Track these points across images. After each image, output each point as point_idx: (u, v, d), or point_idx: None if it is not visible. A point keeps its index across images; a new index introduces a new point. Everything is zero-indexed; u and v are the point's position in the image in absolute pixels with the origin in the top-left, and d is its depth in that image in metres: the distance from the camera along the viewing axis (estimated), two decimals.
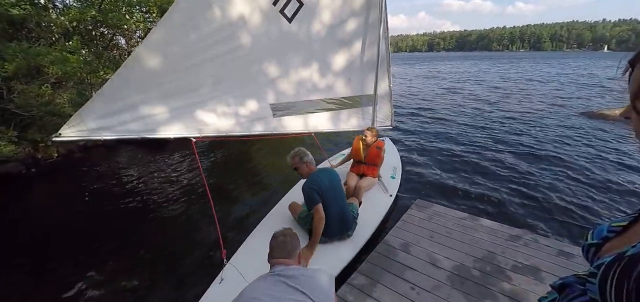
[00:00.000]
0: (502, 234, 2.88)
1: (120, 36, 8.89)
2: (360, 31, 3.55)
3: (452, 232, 2.92)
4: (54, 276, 3.03)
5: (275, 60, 3.17)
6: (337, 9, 3.30)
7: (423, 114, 9.79)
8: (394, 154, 4.68)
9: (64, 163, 6.28)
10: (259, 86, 3.13)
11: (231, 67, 2.88)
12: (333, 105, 3.73)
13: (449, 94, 14.20)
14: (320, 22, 3.30)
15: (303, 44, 3.26)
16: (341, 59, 3.59)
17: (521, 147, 6.14)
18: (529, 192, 4.23)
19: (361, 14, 3.47)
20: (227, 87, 2.92)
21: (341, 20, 3.40)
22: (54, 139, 2.38)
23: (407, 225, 3.06)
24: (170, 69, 2.57)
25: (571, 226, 3.47)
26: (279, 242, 1.43)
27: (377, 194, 3.49)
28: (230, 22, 2.74)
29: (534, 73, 23.67)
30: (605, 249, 0.56)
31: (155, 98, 2.57)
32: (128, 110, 2.49)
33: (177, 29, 2.52)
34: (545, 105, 10.52)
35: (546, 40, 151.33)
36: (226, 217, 3.85)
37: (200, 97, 2.79)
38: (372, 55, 3.69)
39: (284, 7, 2.97)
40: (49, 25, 6.67)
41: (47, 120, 5.93)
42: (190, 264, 3.08)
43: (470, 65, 34.26)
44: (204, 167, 5.87)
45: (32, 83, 5.72)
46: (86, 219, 4.18)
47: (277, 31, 3.04)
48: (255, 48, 2.96)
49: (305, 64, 3.40)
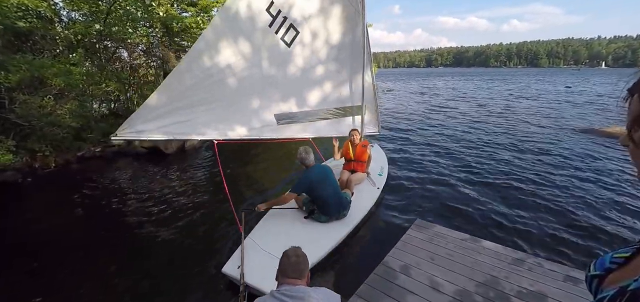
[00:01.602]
0: (505, 257, 2.81)
1: (123, 49, 9.02)
2: (348, 52, 4.37)
3: (454, 255, 2.84)
4: (47, 286, 2.97)
5: (278, 79, 3.89)
6: (327, 34, 4.11)
7: (421, 132, 9.78)
8: (381, 156, 5.47)
9: (60, 173, 6.23)
10: (266, 100, 3.85)
11: (244, 84, 3.61)
12: (328, 115, 4.53)
13: (447, 110, 14.21)
14: (314, 45, 4.08)
15: (300, 64, 4.02)
16: (333, 75, 4.38)
17: (523, 165, 6.06)
18: (532, 212, 4.14)
19: (347, 36, 4.27)
20: (241, 100, 3.65)
21: (331, 44, 4.20)
22: (111, 138, 3.17)
23: (407, 246, 2.99)
24: (197, 85, 3.30)
25: (577, 248, 3.36)
26: (291, 262, 1.42)
27: (367, 187, 4.24)
28: (243, 49, 3.52)
29: (533, 89, 23.85)
30: (608, 281, 0.55)
31: (185, 108, 3.29)
32: (164, 117, 3.20)
33: (202, 53, 3.31)
34: (546, 122, 10.52)
35: (543, 57, 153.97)
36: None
37: (220, 108, 3.50)
38: (359, 72, 4.51)
39: (284, 34, 3.75)
40: (54, 38, 6.77)
41: (47, 131, 5.94)
42: (187, 275, 3.01)
43: (469, 82, 34.43)
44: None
45: (34, 94, 5.76)
46: (81, 229, 4.11)
47: (279, 55, 3.79)
48: (262, 68, 3.71)
49: (303, 80, 4.13)
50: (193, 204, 4.71)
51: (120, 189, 5.48)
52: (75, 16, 7.54)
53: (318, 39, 4.05)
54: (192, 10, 9.61)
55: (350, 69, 4.49)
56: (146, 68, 9.88)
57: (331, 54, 4.23)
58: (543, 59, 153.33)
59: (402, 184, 5.24)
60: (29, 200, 5.27)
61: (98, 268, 3.25)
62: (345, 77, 4.48)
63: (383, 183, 4.49)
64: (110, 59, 8.65)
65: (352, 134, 4.36)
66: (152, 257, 3.50)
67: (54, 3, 6.96)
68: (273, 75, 3.81)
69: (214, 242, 3.62)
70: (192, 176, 6.13)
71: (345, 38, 4.27)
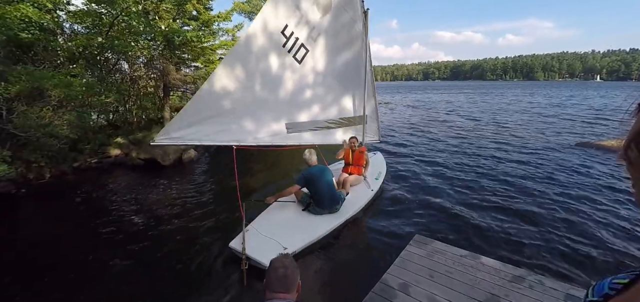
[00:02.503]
0: (505, 275, 2.76)
1: (124, 61, 9.11)
2: (352, 67, 4.94)
3: (453, 272, 2.79)
4: (40, 299, 2.92)
5: (289, 92, 4.43)
6: (333, 52, 4.68)
7: (417, 144, 9.76)
8: (381, 163, 5.89)
9: (55, 184, 6.16)
10: (278, 111, 4.36)
11: (259, 97, 4.14)
12: (333, 124, 5.04)
13: (443, 123, 14.27)
14: (322, 63, 4.64)
15: (310, 79, 4.57)
16: (338, 89, 4.92)
17: (522, 180, 6.00)
18: (532, 227, 4.10)
19: (352, 53, 4.88)
20: (257, 111, 4.17)
21: (338, 60, 4.76)
22: (151, 143, 3.73)
23: (405, 263, 2.94)
24: (218, 98, 3.84)
25: (578, 265, 3.32)
26: (279, 275, 1.24)
27: (362, 188, 4.75)
28: (260, 68, 4.06)
29: (530, 102, 23.92)
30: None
31: (207, 119, 3.79)
32: (192, 126, 3.72)
33: (225, 71, 3.84)
34: (544, 136, 10.49)
35: (538, 71, 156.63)
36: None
37: (239, 118, 4.02)
38: (361, 86, 5.08)
39: (296, 53, 4.31)
40: (56, 49, 6.84)
41: (43, 142, 5.90)
42: (180, 287, 2.92)
43: (463, 95, 34.28)
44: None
45: (33, 105, 5.75)
46: (74, 241, 4.03)
47: (291, 71, 4.34)
48: (275, 83, 4.25)
49: (311, 94, 4.67)
50: (191, 214, 4.66)
51: (116, 201, 5.41)
52: (78, 28, 7.64)
53: (326, 56, 4.63)
54: (194, 24, 9.80)
55: (354, 83, 5.06)
56: (146, 80, 9.96)
57: (337, 70, 4.80)
58: (539, 73, 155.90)
59: (398, 196, 5.23)
60: (23, 211, 5.19)
61: (92, 280, 3.19)
62: (349, 91, 5.07)
63: (378, 187, 4.97)
64: (110, 70, 8.72)
65: (351, 140, 4.92)
66: (150, 267, 3.43)
67: (58, 16, 7.06)
68: (284, 90, 4.37)
69: (212, 251, 3.56)
70: (191, 186, 6.08)
71: (350, 54, 4.87)
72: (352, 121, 5.19)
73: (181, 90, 10.78)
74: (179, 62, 9.76)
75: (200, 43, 9.36)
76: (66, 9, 7.17)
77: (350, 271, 3.30)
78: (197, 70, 10.43)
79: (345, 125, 5.12)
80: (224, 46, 10.85)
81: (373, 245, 3.80)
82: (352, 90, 5.08)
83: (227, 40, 11.01)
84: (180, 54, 9.58)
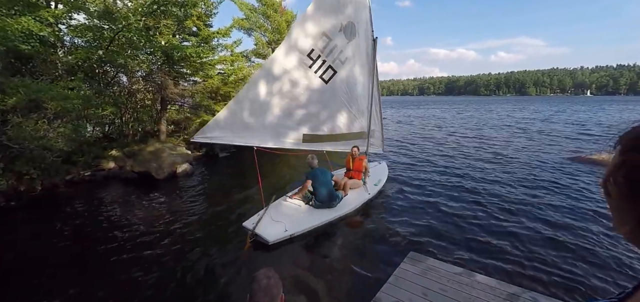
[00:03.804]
0: (500, 292, 2.75)
1: (123, 74, 9.18)
2: (364, 88, 5.91)
3: (447, 290, 2.78)
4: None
5: (313, 107, 5.28)
6: (353, 74, 5.67)
7: (413, 158, 9.78)
8: (384, 171, 6.63)
9: (47, 198, 6.06)
10: (299, 122, 5.22)
11: (285, 108, 5.00)
12: (342, 137, 5.83)
13: (441, 139, 14.25)
14: (344, 84, 5.56)
15: (331, 97, 5.47)
16: (352, 104, 5.83)
17: (516, 198, 6.00)
18: (523, 244, 4.10)
19: (364, 75, 5.85)
20: (280, 120, 4.99)
21: (355, 80, 5.72)
22: (191, 140, 4.74)
23: (399, 281, 2.92)
24: (248, 107, 4.67)
25: (572, 282, 3.31)
26: (263, 286, 1.29)
27: (360, 191, 5.43)
28: (289, 82, 4.97)
29: (525, 117, 23.99)
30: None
31: (232, 126, 4.60)
32: (225, 129, 4.57)
33: (255, 83, 4.75)
34: (539, 151, 10.53)
35: (530, 86, 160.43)
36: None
37: (262, 126, 4.83)
38: (369, 103, 6.02)
39: (323, 73, 5.22)
40: (55, 62, 6.88)
41: (36, 154, 5.84)
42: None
43: (460, 110, 34.34)
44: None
45: (29, 117, 5.73)
46: (62, 253, 3.94)
47: (318, 90, 5.25)
48: (300, 98, 5.12)
49: (332, 110, 5.57)
50: (185, 229, 4.59)
51: (108, 215, 5.32)
52: (78, 42, 7.72)
53: (347, 77, 5.59)
54: (193, 40, 9.98)
55: (364, 99, 5.96)
56: (144, 93, 10.01)
57: (354, 88, 5.73)
58: (531, 88, 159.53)
59: (394, 209, 5.26)
60: (12, 224, 5.07)
61: (81, 294, 3.10)
62: (360, 107, 5.97)
63: (375, 192, 5.61)
64: (109, 83, 8.76)
65: (353, 149, 5.60)
66: (140, 283, 3.34)
67: (59, 29, 7.15)
68: (308, 104, 5.23)
69: (204, 264, 3.49)
70: (185, 200, 6.02)
71: (363, 76, 5.84)
72: (359, 135, 6.01)
73: (179, 104, 10.83)
74: (178, 77, 9.86)
75: (199, 58, 9.50)
76: (68, 23, 7.27)
77: (344, 289, 3.26)
78: (195, 85, 10.51)
79: (353, 138, 5.90)
80: (223, 61, 11.01)
81: (366, 259, 3.78)
82: (361, 106, 5.95)
83: (226, 55, 11.19)
84: (179, 69, 9.70)
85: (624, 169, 0.44)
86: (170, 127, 10.37)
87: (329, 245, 4.21)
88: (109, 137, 9.07)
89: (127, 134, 9.56)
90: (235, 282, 3.34)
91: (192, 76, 10.35)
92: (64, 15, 6.81)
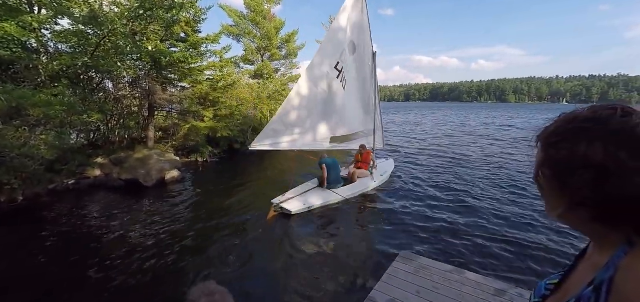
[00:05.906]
0: (488, 288, 2.89)
1: (109, 80, 8.96)
2: (369, 91, 7.20)
3: (439, 287, 2.90)
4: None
5: (336, 112, 6.35)
6: (361, 80, 6.98)
7: (404, 158, 10.06)
8: (390, 166, 8.00)
9: (29, 208, 5.80)
10: (325, 126, 6.29)
11: (320, 114, 6.12)
12: (355, 135, 7.00)
13: (434, 142, 14.74)
14: (355, 88, 6.80)
15: (347, 101, 6.55)
16: (361, 108, 7.15)
17: (503, 195, 6.33)
18: (512, 240, 4.30)
19: (367, 83, 7.14)
20: (313, 126, 6.07)
21: (363, 86, 7.05)
22: (249, 147, 5.60)
23: (392, 279, 3.02)
24: (287, 114, 5.71)
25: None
26: None
27: (366, 179, 6.63)
28: (319, 91, 5.98)
29: (511, 121, 25.10)
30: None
31: (273, 131, 5.61)
32: (273, 137, 5.61)
33: (294, 96, 5.76)
34: (526, 156, 11.07)
35: (510, 94, 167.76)
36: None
37: (294, 132, 5.80)
38: (371, 105, 7.26)
39: (343, 80, 6.30)
40: (38, 68, 6.65)
41: (18, 162, 5.60)
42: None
43: (448, 115, 35.49)
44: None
45: (9, 124, 5.50)
46: (45, 267, 3.78)
47: (341, 96, 6.33)
48: (327, 104, 6.18)
49: (349, 112, 6.70)
50: (174, 238, 4.51)
51: (94, 226, 5.15)
52: (62, 48, 7.50)
53: (358, 82, 6.84)
54: (182, 46, 9.89)
55: (368, 104, 7.24)
56: (131, 99, 9.79)
57: (360, 95, 6.98)
58: (510, 95, 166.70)
59: (391, 210, 5.36)
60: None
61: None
62: (367, 110, 7.23)
63: (380, 182, 6.88)
64: (94, 89, 8.52)
65: (361, 146, 6.92)
66: (131, 294, 3.27)
67: (43, 35, 6.93)
68: (332, 110, 6.27)
69: (192, 275, 3.46)
70: (174, 207, 5.92)
71: (366, 84, 7.08)
72: (365, 133, 7.22)
73: (167, 110, 10.65)
74: (166, 82, 9.72)
75: (188, 64, 9.42)
76: (52, 29, 7.06)
77: (336, 289, 3.32)
78: (183, 91, 10.38)
79: (362, 136, 7.13)
80: (212, 67, 10.95)
81: (359, 259, 3.88)
82: (367, 109, 7.24)
83: (215, 61, 11.14)
84: (167, 74, 9.57)
85: (548, 163, 0.52)
86: (158, 134, 10.16)
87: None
88: (95, 145, 8.79)
89: (114, 141, 9.30)
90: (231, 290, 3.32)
91: (180, 82, 10.23)
92: (48, 20, 6.62)
